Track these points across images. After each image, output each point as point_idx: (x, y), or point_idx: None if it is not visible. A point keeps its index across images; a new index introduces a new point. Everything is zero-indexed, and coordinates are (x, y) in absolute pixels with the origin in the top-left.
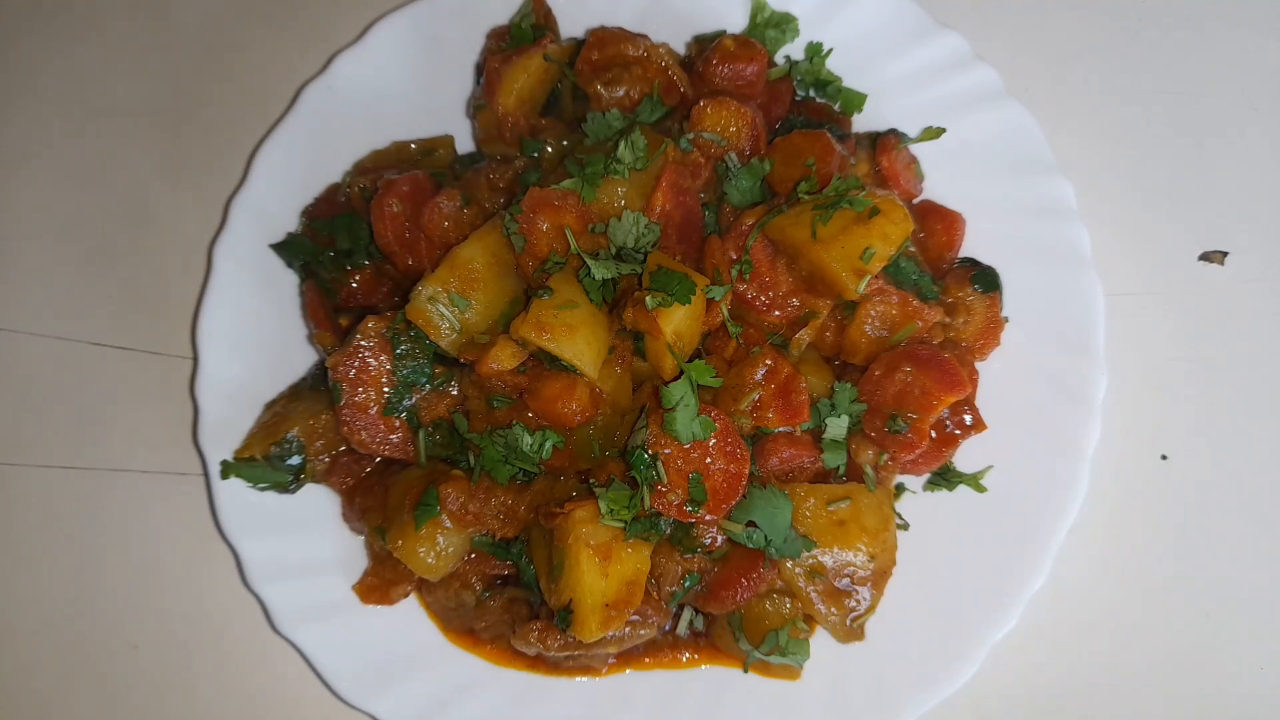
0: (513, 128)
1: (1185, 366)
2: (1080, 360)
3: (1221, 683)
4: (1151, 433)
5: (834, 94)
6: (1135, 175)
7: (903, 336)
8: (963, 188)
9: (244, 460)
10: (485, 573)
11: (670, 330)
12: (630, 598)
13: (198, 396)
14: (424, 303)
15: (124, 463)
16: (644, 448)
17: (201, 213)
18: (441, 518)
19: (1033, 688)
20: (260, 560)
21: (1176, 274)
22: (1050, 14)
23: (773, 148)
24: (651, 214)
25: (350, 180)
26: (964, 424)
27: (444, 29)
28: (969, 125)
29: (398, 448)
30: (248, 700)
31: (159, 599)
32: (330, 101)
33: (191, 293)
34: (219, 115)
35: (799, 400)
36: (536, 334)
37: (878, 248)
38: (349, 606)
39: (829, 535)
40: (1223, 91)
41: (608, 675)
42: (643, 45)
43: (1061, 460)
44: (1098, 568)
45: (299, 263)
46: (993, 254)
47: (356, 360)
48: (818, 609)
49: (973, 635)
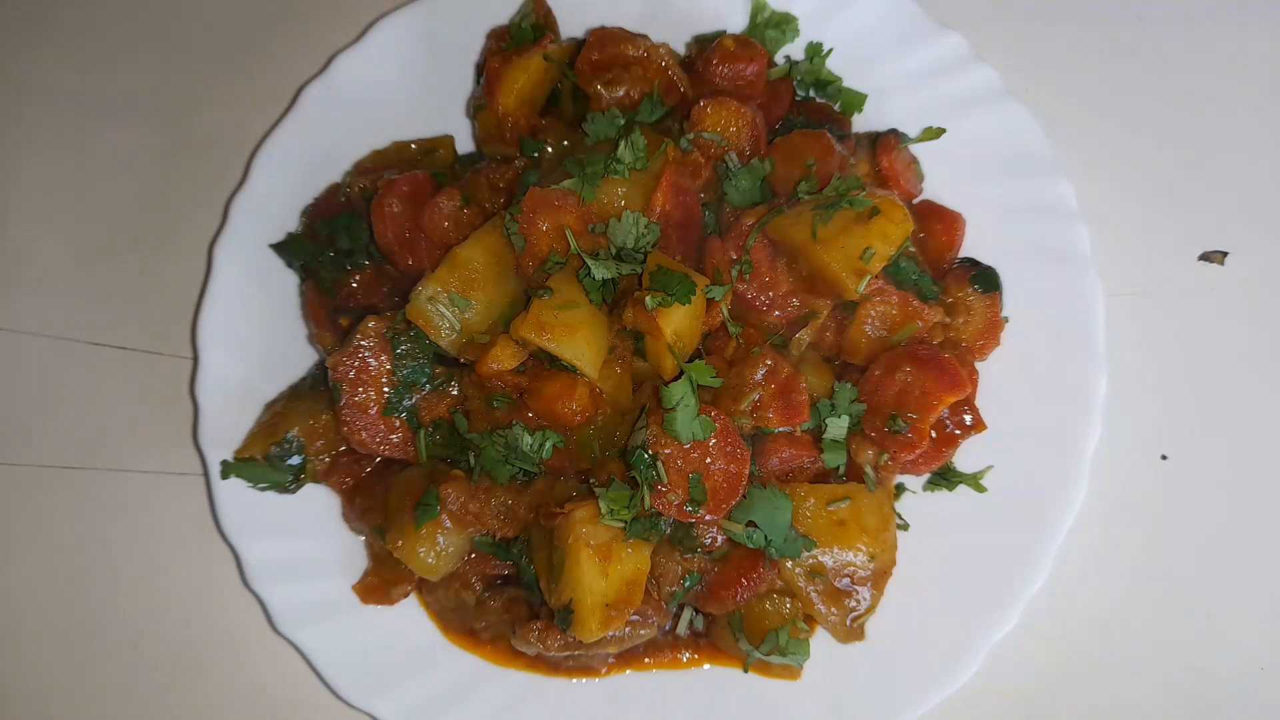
0: (513, 128)
1: (1185, 366)
2: (1080, 360)
3: (1221, 683)
4: (1151, 433)
5: (834, 94)
6: (1135, 175)
7: (903, 336)
8: (963, 188)
9: (244, 460)
10: (485, 573)
11: (670, 330)
12: (630, 598)
13: (198, 396)
14: (424, 303)
15: (124, 463)
16: (644, 448)
17: (201, 213)
18: (441, 518)
19: (1033, 688)
20: (260, 560)
21: (1176, 274)
22: (1050, 14)
23: (773, 148)
24: (651, 214)
25: (350, 180)
26: (964, 424)
27: (444, 29)
28: (969, 125)
29: (398, 448)
30: (248, 700)
31: (159, 599)
32: (330, 101)
33: (191, 293)
34: (219, 115)
35: (799, 400)
36: (536, 334)
37: (878, 248)
38: (349, 606)
39: (829, 535)
40: (1223, 91)
41: (608, 675)
42: (643, 45)
43: (1061, 460)
44: (1098, 568)
45: (299, 263)
46: (993, 254)
47: (356, 360)
48: (818, 609)
49: (973, 635)
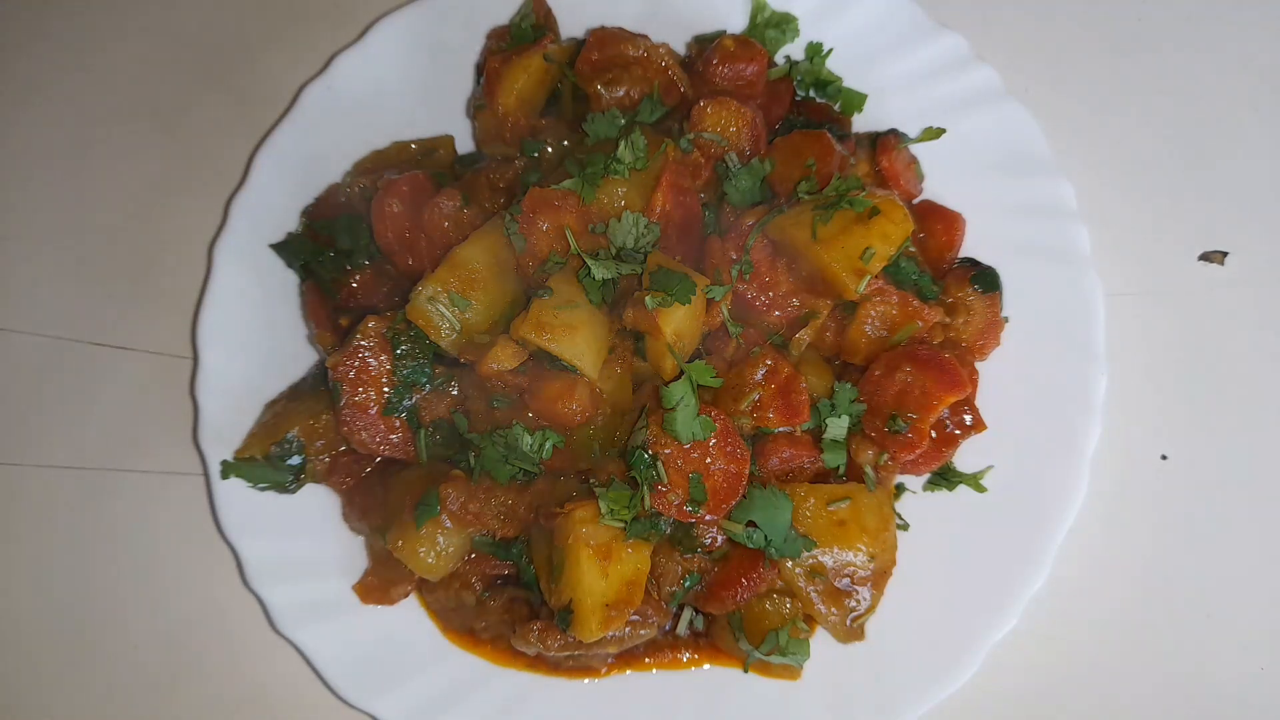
0: (513, 128)
1: (1185, 366)
2: (1080, 360)
3: (1221, 683)
4: (1151, 433)
5: (834, 94)
6: (1135, 175)
7: (903, 336)
8: (963, 188)
9: (244, 460)
10: (485, 573)
11: (670, 330)
12: (630, 598)
13: (198, 396)
14: (424, 303)
15: (124, 463)
16: (644, 448)
17: (201, 213)
18: (441, 518)
19: (1033, 688)
20: (260, 560)
21: (1176, 274)
22: (1050, 14)
23: (773, 148)
24: (651, 214)
25: (350, 180)
26: (964, 424)
27: (444, 29)
28: (969, 125)
29: (398, 448)
30: (248, 700)
31: (159, 599)
32: (330, 101)
33: (191, 293)
34: (219, 115)
35: (799, 400)
36: (536, 334)
37: (878, 248)
38: (349, 606)
39: (829, 535)
40: (1223, 91)
41: (608, 675)
42: (643, 45)
43: (1061, 460)
44: (1098, 568)
45: (299, 263)
46: (993, 254)
47: (356, 360)
48: (818, 609)
49: (973, 635)
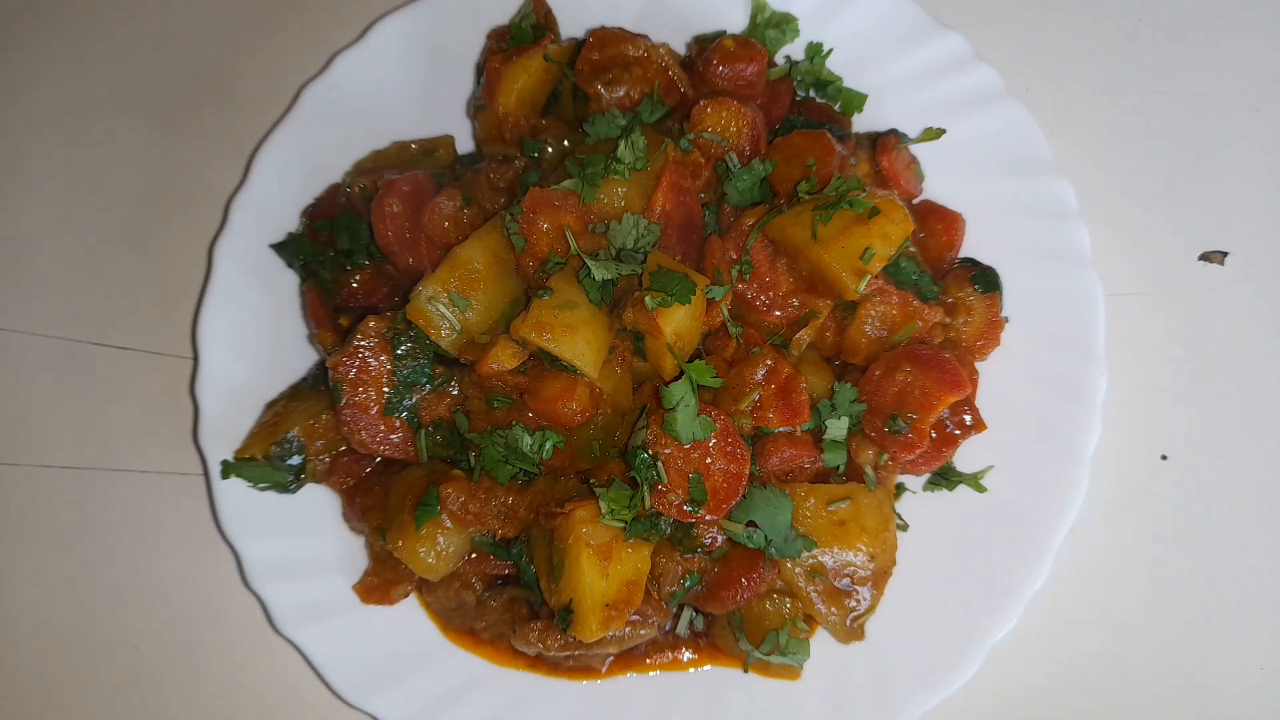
0: (513, 128)
1: (1185, 366)
2: (1080, 360)
3: (1221, 683)
4: (1151, 433)
5: (834, 94)
6: (1135, 175)
7: (903, 337)
8: (963, 188)
9: (244, 460)
10: (485, 573)
11: (670, 330)
12: (630, 598)
13: (198, 396)
14: (424, 303)
15: (124, 463)
16: (644, 448)
17: (201, 213)
18: (441, 518)
19: (1033, 688)
20: (260, 560)
21: (1176, 274)
22: (1050, 14)
23: (773, 148)
24: (651, 214)
25: (350, 180)
26: (964, 424)
27: (444, 29)
28: (969, 125)
29: (398, 448)
30: (248, 700)
31: (159, 599)
32: (330, 101)
33: (191, 293)
34: (219, 115)
35: (799, 400)
36: (537, 334)
37: (878, 248)
38: (349, 606)
39: (829, 535)
40: (1223, 92)
41: (608, 675)
42: (643, 45)
43: (1061, 460)
44: (1098, 568)
45: (299, 263)
46: (993, 254)
47: (357, 360)
48: (818, 609)
49: (973, 635)
